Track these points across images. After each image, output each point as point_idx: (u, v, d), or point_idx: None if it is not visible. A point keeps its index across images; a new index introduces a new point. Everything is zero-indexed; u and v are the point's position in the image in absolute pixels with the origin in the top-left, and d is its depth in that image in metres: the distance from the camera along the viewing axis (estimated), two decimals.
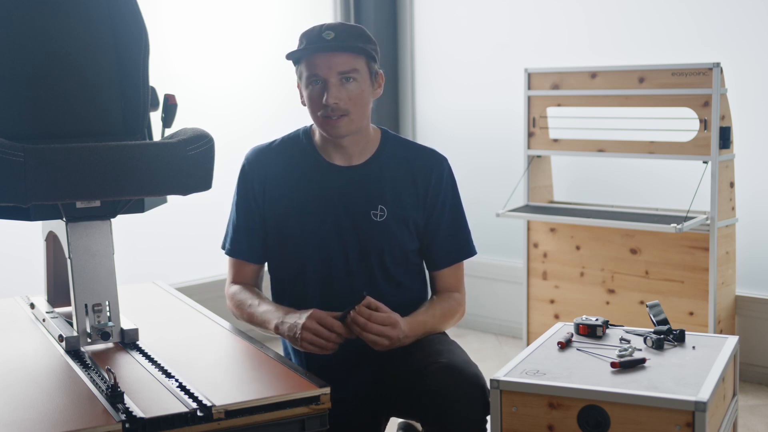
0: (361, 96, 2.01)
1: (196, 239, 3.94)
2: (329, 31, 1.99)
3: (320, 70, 1.99)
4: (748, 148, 3.47)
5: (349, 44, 1.99)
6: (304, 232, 2.08)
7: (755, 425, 3.07)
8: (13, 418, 1.59)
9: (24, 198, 1.79)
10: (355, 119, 2.03)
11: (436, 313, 2.09)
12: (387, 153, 2.13)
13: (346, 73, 1.99)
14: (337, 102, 1.98)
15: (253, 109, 4.19)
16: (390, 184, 2.10)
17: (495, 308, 4.26)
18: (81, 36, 2.08)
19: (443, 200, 2.14)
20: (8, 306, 2.46)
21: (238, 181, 2.17)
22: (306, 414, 1.71)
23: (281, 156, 2.14)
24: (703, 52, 3.54)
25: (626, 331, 2.11)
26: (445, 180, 2.14)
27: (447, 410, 1.81)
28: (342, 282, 2.08)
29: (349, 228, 2.07)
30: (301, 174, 2.11)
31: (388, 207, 2.08)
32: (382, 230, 2.08)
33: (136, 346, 2.02)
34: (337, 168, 2.10)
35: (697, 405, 1.66)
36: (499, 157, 4.22)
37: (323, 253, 2.08)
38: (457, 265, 2.19)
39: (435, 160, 2.15)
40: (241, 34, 4.14)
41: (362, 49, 2.00)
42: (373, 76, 2.06)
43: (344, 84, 1.99)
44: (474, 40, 4.33)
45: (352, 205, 2.08)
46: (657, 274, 3.45)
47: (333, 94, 1.98)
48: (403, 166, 2.12)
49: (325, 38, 1.98)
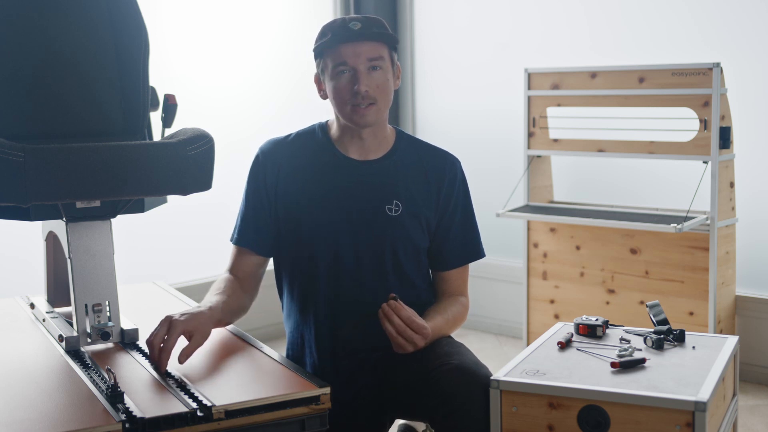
0: (386, 84, 2.05)
1: (196, 239, 3.94)
2: (355, 22, 2.03)
3: (349, 58, 2.01)
4: (748, 148, 3.47)
5: (375, 32, 2.03)
6: (317, 226, 2.08)
7: (755, 425, 3.07)
8: (13, 418, 1.59)
9: (24, 198, 1.79)
10: (382, 108, 2.05)
11: (449, 318, 2.10)
12: (402, 150, 2.14)
13: (373, 60, 2.02)
14: (368, 89, 2.01)
15: (254, 109, 4.19)
16: (404, 181, 2.11)
17: (495, 308, 4.26)
18: (81, 36, 2.08)
19: (456, 201, 2.15)
20: (8, 306, 2.46)
21: (250, 172, 2.15)
22: (306, 414, 1.71)
23: (296, 149, 2.14)
24: (704, 52, 3.54)
25: (626, 331, 2.11)
26: (458, 181, 2.16)
27: (457, 411, 1.80)
28: (352, 276, 2.08)
29: (363, 222, 2.07)
30: (316, 167, 2.11)
31: (403, 203, 2.09)
32: (396, 224, 2.08)
33: (136, 346, 2.02)
34: (354, 162, 2.10)
35: (697, 405, 1.66)
36: (499, 157, 4.22)
37: (334, 246, 2.07)
38: (464, 267, 2.19)
39: (449, 161, 2.17)
40: (241, 34, 4.14)
41: (387, 36, 2.05)
42: (393, 66, 2.09)
43: (371, 72, 2.02)
44: (474, 41, 4.33)
45: (367, 199, 2.08)
46: (657, 274, 3.45)
47: (364, 82, 2.00)
48: (416, 165, 2.13)
49: (353, 28, 2.02)
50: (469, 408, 1.81)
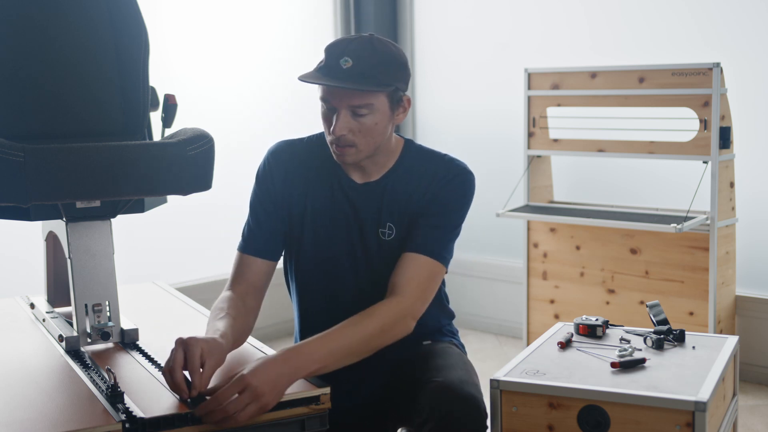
0: (373, 129, 1.87)
1: (196, 239, 3.94)
2: (347, 58, 1.82)
3: (331, 97, 1.85)
4: (748, 148, 3.47)
5: (368, 80, 1.82)
6: (316, 248, 2.01)
7: (755, 425, 3.07)
8: (13, 418, 1.59)
9: (24, 198, 1.79)
10: (364, 149, 1.89)
11: (334, 331, 1.80)
12: (405, 167, 1.99)
13: (358, 107, 1.84)
14: (344, 134, 1.85)
15: (254, 109, 4.19)
16: (403, 197, 1.98)
17: (495, 308, 4.26)
18: (81, 36, 2.08)
19: (442, 197, 1.97)
20: (8, 306, 2.46)
21: (258, 173, 2.05)
22: (306, 414, 1.71)
23: (305, 155, 2.03)
24: (704, 52, 3.54)
25: (626, 331, 2.11)
26: (456, 180, 1.98)
27: (438, 430, 1.75)
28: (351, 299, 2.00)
29: (360, 247, 2.00)
30: (320, 182, 2.00)
31: (397, 224, 1.98)
32: (388, 249, 1.98)
33: (136, 346, 2.02)
34: (354, 185, 1.99)
35: (697, 405, 1.66)
36: (499, 157, 4.22)
37: (333, 270, 2.01)
38: (417, 261, 1.92)
39: (452, 167, 1.99)
40: (241, 34, 4.14)
41: (382, 84, 1.84)
42: (395, 104, 1.90)
43: (355, 117, 1.85)
44: (474, 41, 4.33)
45: (363, 222, 1.99)
46: (657, 274, 3.45)
47: (340, 126, 1.84)
48: (419, 178, 1.98)
49: (342, 65, 1.82)
50: (451, 428, 1.75)
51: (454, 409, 1.75)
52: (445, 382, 1.80)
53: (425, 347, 2.04)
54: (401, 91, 1.91)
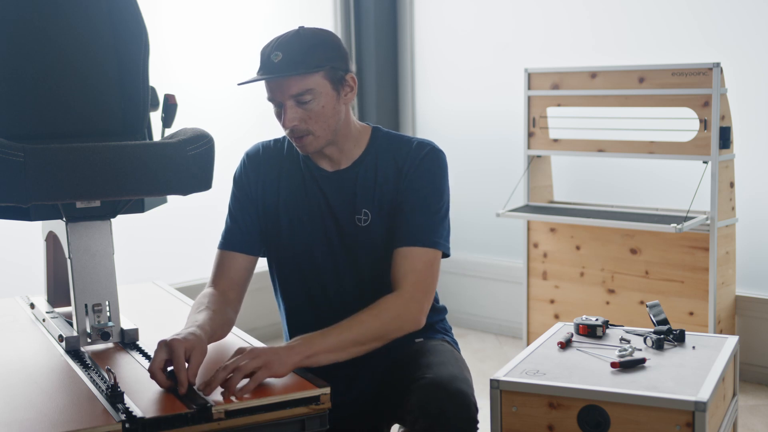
0: (321, 113, 1.92)
1: (196, 239, 3.94)
2: (277, 51, 1.89)
3: (273, 93, 1.93)
4: (748, 148, 3.47)
5: (298, 65, 1.88)
6: (294, 241, 2.04)
7: (755, 425, 3.07)
8: (13, 418, 1.59)
9: (24, 198, 1.79)
10: (321, 135, 1.94)
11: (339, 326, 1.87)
12: (374, 152, 2.03)
13: (299, 95, 1.90)
14: (295, 124, 1.92)
15: (254, 109, 4.19)
16: (375, 183, 2.02)
17: (495, 308, 4.26)
18: (81, 36, 2.08)
19: (416, 182, 1.99)
20: (8, 306, 2.46)
21: (235, 174, 2.13)
22: (306, 414, 1.71)
23: (276, 155, 2.10)
24: (704, 51, 3.54)
25: (626, 331, 2.11)
26: (425, 162, 2.00)
27: (429, 427, 1.76)
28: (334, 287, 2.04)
29: (336, 235, 2.03)
30: (291, 176, 2.07)
31: (373, 210, 2.01)
32: (365, 235, 2.01)
33: (136, 346, 2.02)
34: (324, 173, 2.04)
35: (697, 405, 1.66)
36: (499, 157, 4.22)
37: (312, 262, 2.04)
38: (410, 251, 1.95)
39: (421, 146, 2.03)
40: (241, 34, 4.14)
41: (314, 66, 1.89)
42: (338, 84, 1.94)
43: (300, 105, 1.91)
44: (474, 41, 4.33)
45: (337, 211, 2.03)
46: (657, 274, 3.46)
47: (289, 118, 1.92)
48: (389, 162, 2.02)
49: (273, 60, 1.89)
50: (439, 425, 1.75)
51: (444, 406, 1.76)
52: (435, 380, 1.81)
53: (417, 345, 2.04)
54: (340, 71, 1.94)
